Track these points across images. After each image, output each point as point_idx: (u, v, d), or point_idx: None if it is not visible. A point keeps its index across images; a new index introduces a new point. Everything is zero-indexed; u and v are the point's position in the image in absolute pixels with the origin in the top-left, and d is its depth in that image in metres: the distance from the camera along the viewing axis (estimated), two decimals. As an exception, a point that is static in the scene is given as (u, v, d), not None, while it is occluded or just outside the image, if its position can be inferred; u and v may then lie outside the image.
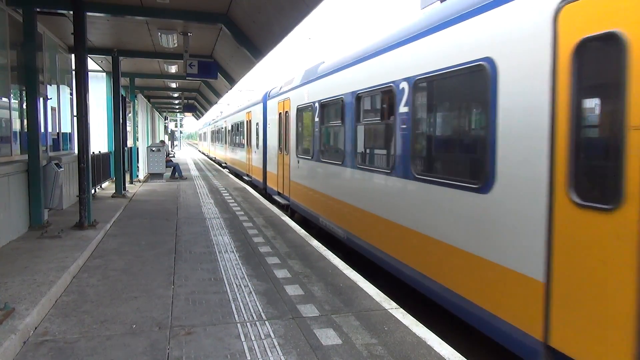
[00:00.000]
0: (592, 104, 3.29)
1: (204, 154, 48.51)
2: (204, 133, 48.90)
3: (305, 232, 8.59)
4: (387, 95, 6.12)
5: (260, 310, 4.73)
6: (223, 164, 29.17)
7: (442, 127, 5.27)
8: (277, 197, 13.08)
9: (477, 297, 4.21)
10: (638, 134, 2.81)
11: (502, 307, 3.90)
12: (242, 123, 20.51)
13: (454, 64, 4.60)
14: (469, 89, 4.66)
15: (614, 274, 2.94)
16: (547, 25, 3.47)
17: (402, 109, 5.60)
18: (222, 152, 30.99)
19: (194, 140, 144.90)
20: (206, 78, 13.84)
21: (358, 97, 7.04)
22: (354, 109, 7.18)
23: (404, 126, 5.57)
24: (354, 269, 6.32)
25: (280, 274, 5.98)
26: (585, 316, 3.12)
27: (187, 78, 12.93)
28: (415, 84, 5.33)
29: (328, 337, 4.11)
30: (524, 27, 3.72)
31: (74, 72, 9.37)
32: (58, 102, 11.27)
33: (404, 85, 5.53)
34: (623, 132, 2.90)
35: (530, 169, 3.62)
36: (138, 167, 18.90)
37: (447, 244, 4.71)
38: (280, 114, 12.82)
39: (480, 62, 4.22)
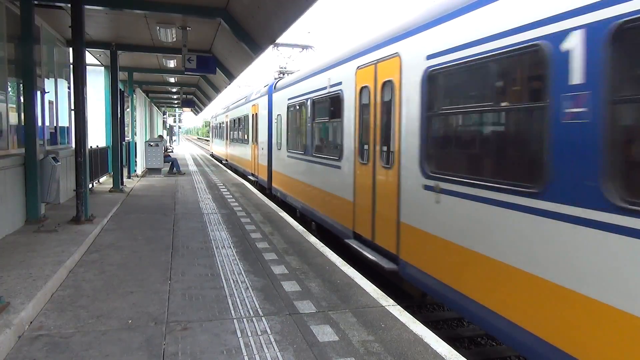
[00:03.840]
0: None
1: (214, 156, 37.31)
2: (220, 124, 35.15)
3: (303, 229, 8.57)
4: None
5: (257, 306, 4.72)
6: (224, 161, 27.49)
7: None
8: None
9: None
10: None
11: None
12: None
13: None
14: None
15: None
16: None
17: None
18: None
19: (192, 135, 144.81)
20: (205, 73, 13.81)
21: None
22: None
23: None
24: (351, 266, 6.31)
25: (278, 270, 5.97)
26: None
27: (185, 73, 12.88)
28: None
29: (325, 333, 4.10)
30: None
31: (71, 66, 9.31)
32: (56, 96, 11.21)
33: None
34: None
35: None
36: (136, 162, 18.86)
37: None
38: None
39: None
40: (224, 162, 27.36)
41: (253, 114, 16.92)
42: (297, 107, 10.51)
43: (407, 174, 5.45)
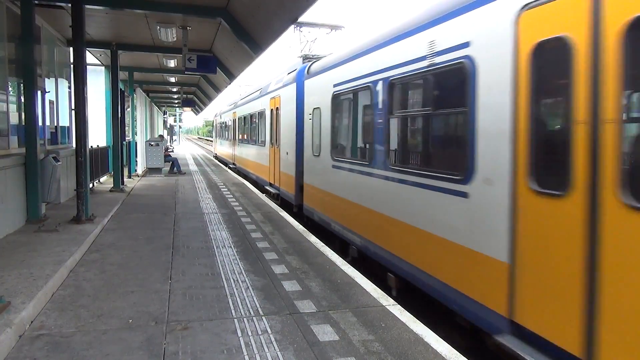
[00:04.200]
0: None
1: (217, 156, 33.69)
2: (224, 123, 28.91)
3: (304, 228, 8.57)
4: None
5: (258, 305, 4.72)
6: (230, 165, 24.06)
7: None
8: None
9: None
10: None
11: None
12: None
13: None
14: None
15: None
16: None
17: None
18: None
19: (193, 135, 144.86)
20: (205, 73, 13.80)
21: None
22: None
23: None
24: (351, 265, 6.31)
25: (278, 269, 5.97)
26: None
27: (185, 73, 12.88)
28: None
29: (325, 333, 4.10)
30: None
31: (72, 66, 9.31)
32: (56, 95, 11.22)
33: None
34: None
35: None
36: (136, 161, 18.87)
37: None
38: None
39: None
40: (231, 165, 23.73)
41: (272, 109, 13.63)
42: (355, 95, 7.45)
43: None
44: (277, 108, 13.07)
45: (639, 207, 2.84)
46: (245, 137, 19.09)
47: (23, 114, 8.25)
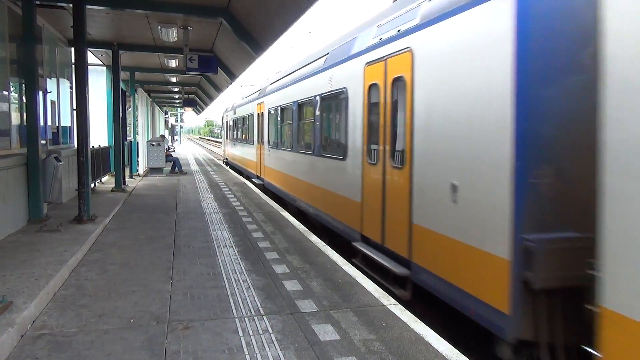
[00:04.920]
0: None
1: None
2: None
3: (305, 228, 8.58)
4: None
5: (259, 305, 4.73)
6: (255, 179, 16.06)
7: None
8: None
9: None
10: None
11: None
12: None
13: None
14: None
15: None
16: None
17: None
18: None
19: (194, 135, 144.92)
20: (206, 72, 13.82)
21: None
22: None
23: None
24: (352, 265, 6.32)
25: (279, 269, 5.98)
26: None
27: (187, 72, 12.90)
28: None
29: (326, 332, 4.11)
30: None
31: (73, 66, 9.33)
32: (58, 95, 11.24)
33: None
34: None
35: None
36: (138, 161, 18.90)
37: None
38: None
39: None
40: (255, 179, 15.97)
41: (390, 85, 6.65)
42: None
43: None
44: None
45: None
46: (292, 141, 10.99)
47: (25, 114, 8.27)
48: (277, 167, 12.65)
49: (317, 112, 8.91)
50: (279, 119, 12.39)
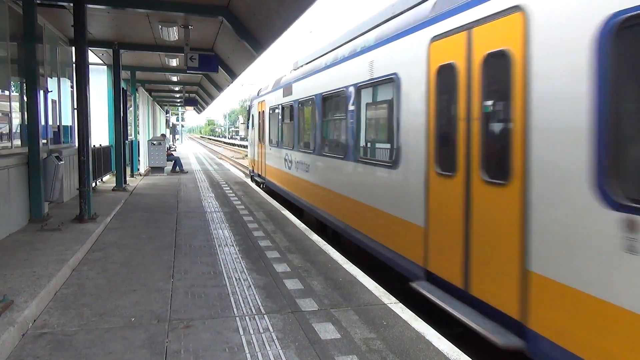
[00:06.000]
0: None
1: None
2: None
3: (305, 227, 8.58)
4: None
5: (259, 304, 4.73)
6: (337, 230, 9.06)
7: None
8: None
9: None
10: None
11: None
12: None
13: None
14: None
15: None
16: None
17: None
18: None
19: (195, 134, 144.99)
20: (207, 71, 13.79)
21: None
22: None
23: None
24: (353, 264, 6.31)
25: (280, 268, 5.98)
26: None
27: (187, 71, 12.90)
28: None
29: (327, 331, 4.11)
30: None
31: (74, 65, 9.34)
32: (58, 95, 11.25)
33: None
34: None
35: None
36: (139, 160, 18.90)
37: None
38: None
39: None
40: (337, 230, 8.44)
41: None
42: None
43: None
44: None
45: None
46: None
47: (26, 113, 8.28)
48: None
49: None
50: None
